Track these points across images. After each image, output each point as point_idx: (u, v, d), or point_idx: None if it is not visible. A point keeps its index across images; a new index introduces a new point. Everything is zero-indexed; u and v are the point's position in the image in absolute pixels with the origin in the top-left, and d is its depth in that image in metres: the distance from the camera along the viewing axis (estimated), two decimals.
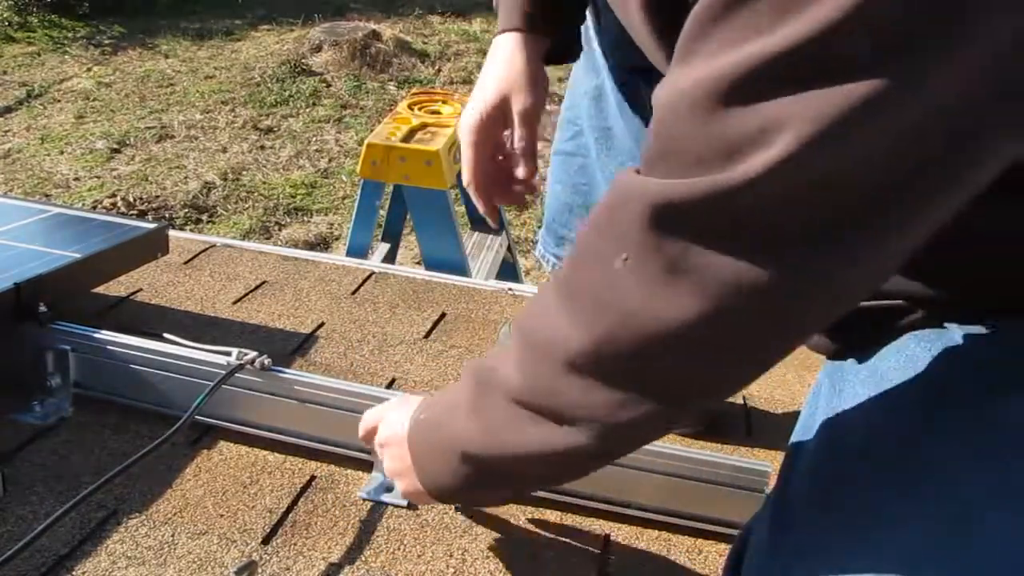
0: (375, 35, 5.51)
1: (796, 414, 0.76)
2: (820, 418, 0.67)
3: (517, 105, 0.87)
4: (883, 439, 0.60)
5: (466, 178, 0.90)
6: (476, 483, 0.70)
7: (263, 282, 1.44)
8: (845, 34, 0.42)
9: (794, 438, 0.70)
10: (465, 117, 0.88)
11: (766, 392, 1.21)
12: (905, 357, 0.64)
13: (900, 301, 0.67)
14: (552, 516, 0.92)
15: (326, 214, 3.57)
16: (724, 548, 0.89)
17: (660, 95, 0.51)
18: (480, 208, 0.92)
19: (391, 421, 0.80)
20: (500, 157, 0.90)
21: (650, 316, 0.52)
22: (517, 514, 0.92)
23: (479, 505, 0.77)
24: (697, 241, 0.49)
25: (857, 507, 0.56)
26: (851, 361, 0.70)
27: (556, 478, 0.80)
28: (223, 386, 0.96)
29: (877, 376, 0.65)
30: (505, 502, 0.88)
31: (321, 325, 1.31)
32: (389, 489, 0.94)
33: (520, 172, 0.89)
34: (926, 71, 0.42)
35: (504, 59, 0.88)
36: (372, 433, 0.84)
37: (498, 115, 0.87)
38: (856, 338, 0.71)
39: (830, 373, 0.73)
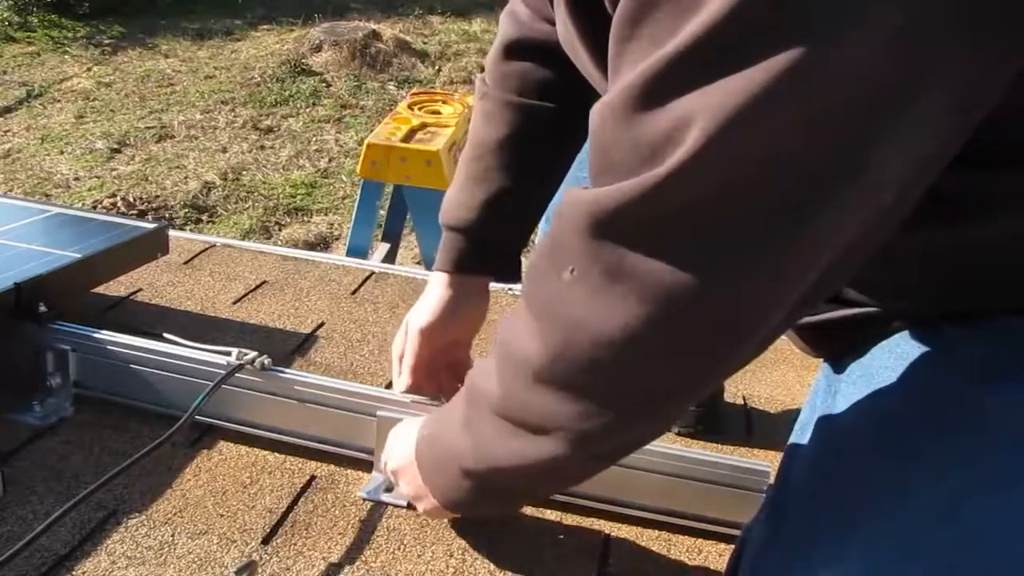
0: (375, 35, 5.52)
1: (796, 414, 0.76)
2: (816, 418, 0.68)
3: (452, 354, 0.96)
4: (874, 437, 0.61)
5: (403, 381, 0.95)
6: (481, 496, 0.71)
7: (263, 282, 1.44)
8: (739, 22, 0.43)
9: (792, 438, 0.71)
10: (414, 324, 0.95)
11: (766, 392, 1.21)
12: (895, 356, 0.65)
13: (876, 310, 0.68)
14: (552, 516, 0.92)
15: (326, 214, 3.57)
16: (724, 548, 0.89)
17: (593, 111, 0.52)
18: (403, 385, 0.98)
19: (397, 449, 0.83)
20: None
21: (596, 325, 0.53)
22: (517, 514, 0.92)
23: (492, 514, 0.79)
24: (630, 246, 0.50)
25: (850, 502, 0.57)
26: (846, 360, 0.71)
27: (552, 487, 0.82)
28: (223, 386, 0.95)
29: (869, 375, 0.66)
30: (516, 510, 0.90)
31: (321, 325, 1.31)
32: (389, 489, 0.94)
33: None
34: (827, 46, 0.42)
35: (439, 298, 0.96)
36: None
37: (436, 347, 0.95)
38: (841, 347, 0.71)
39: (827, 374, 0.73)
